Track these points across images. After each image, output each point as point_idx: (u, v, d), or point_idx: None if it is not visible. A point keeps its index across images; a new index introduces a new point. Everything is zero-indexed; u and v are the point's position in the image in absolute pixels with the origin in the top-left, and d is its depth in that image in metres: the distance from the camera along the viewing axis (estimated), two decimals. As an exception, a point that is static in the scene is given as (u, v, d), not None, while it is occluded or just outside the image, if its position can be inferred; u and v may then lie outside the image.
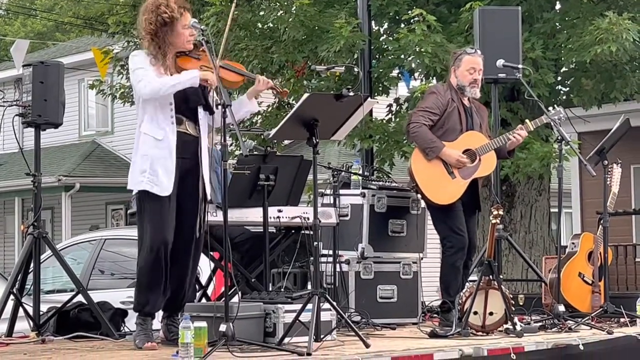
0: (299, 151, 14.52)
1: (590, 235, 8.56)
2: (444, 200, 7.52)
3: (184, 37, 6.14)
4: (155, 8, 6.09)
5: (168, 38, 6.10)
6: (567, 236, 15.01)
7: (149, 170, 6.04)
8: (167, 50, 6.11)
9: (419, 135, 7.53)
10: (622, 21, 11.03)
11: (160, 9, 6.08)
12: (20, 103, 7.49)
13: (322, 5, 12.63)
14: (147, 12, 6.11)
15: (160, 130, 6.06)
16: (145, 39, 6.13)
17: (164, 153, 6.04)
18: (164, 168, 6.03)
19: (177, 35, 6.12)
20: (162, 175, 6.02)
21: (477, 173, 7.63)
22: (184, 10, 6.15)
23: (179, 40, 6.14)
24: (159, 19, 6.07)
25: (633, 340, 7.08)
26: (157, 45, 6.09)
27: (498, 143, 7.72)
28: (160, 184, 6.03)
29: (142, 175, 6.05)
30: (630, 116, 8.78)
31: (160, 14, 6.07)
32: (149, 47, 6.12)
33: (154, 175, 6.03)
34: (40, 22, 36.98)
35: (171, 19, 6.07)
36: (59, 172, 22.52)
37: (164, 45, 6.10)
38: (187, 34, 6.14)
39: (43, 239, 7.28)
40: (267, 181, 6.99)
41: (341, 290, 7.67)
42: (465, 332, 6.75)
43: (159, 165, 6.03)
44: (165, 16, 6.07)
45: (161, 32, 6.08)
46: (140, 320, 6.09)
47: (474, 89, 7.68)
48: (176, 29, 6.11)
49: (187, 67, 6.15)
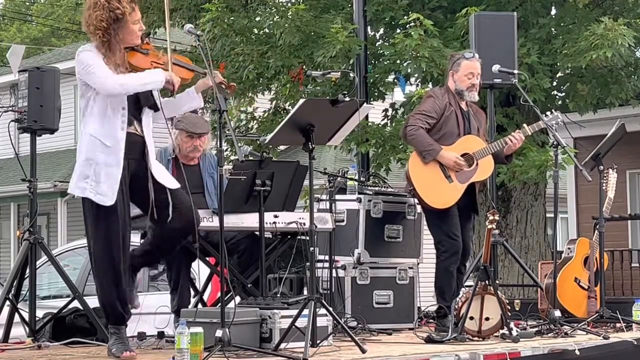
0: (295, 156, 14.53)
1: (586, 241, 8.57)
2: (440, 204, 7.52)
3: (135, 33, 5.99)
4: (106, 3, 5.90)
5: (119, 34, 5.93)
6: (563, 241, 15.04)
7: (92, 177, 5.87)
8: (116, 47, 5.94)
9: (416, 138, 7.53)
10: (618, 27, 11.05)
11: (112, 5, 5.89)
12: (16, 109, 7.48)
13: (318, 11, 12.65)
14: (98, 8, 5.91)
15: (110, 136, 5.90)
16: (96, 35, 5.93)
17: (110, 160, 5.88)
18: (109, 176, 5.87)
19: (128, 31, 5.96)
20: (104, 184, 5.86)
21: (475, 177, 7.63)
22: (134, 5, 5.99)
23: (130, 36, 5.98)
24: (111, 15, 5.89)
25: (629, 346, 7.09)
26: (108, 42, 5.92)
27: (495, 147, 7.73)
28: (103, 193, 5.86)
29: (84, 182, 5.88)
30: (626, 121, 8.79)
31: (112, 10, 5.89)
32: (99, 44, 5.94)
33: (97, 182, 5.86)
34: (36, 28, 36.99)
35: (123, 15, 5.91)
36: (55, 178, 22.50)
37: (115, 42, 5.93)
38: (137, 29, 5.99)
39: (39, 244, 7.28)
40: (263, 186, 6.98)
41: (337, 296, 7.67)
42: (462, 337, 6.75)
43: (103, 173, 5.87)
44: (118, 12, 5.89)
45: (112, 29, 5.91)
46: (114, 329, 5.97)
47: (472, 93, 7.69)
48: (127, 25, 5.94)
49: (135, 62, 6.00)
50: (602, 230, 8.20)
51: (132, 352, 5.87)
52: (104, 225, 5.89)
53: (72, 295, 7.28)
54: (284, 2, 13.58)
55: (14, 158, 20.55)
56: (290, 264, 7.29)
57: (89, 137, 5.96)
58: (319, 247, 7.32)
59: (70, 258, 10.39)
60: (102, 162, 5.89)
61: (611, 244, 10.54)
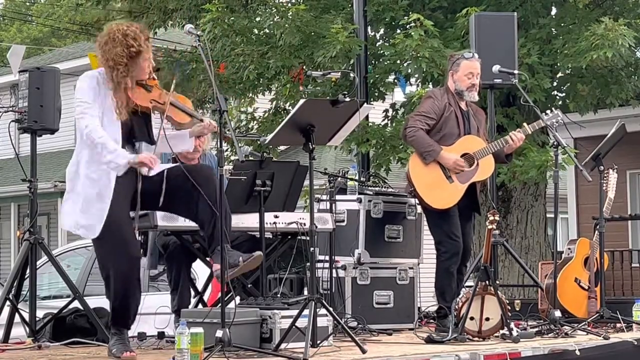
0: (295, 157, 14.53)
1: (586, 241, 8.57)
2: (441, 204, 7.52)
3: (145, 69, 5.99)
4: (123, 39, 5.88)
5: (132, 70, 5.92)
6: (563, 241, 15.04)
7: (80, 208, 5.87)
8: (129, 82, 5.91)
9: (416, 139, 7.53)
10: (618, 27, 11.05)
11: (129, 42, 5.88)
12: (17, 109, 7.48)
13: (318, 11, 12.65)
14: (115, 42, 5.90)
15: (99, 170, 5.86)
16: (114, 69, 5.90)
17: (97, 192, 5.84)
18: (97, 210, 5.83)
19: (140, 68, 5.97)
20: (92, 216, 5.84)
21: (475, 177, 7.63)
22: (149, 42, 5.99)
23: (141, 72, 5.98)
24: (127, 51, 5.88)
25: (629, 346, 7.09)
26: (124, 75, 5.89)
27: (496, 147, 7.73)
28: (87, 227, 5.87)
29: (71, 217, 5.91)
30: (626, 122, 8.79)
31: (128, 47, 5.88)
32: (113, 78, 5.90)
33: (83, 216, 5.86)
34: (36, 28, 36.98)
35: (138, 53, 5.91)
36: (55, 178, 22.49)
37: (127, 77, 5.90)
38: (146, 66, 5.99)
39: (39, 244, 7.28)
40: (263, 187, 6.99)
41: (337, 296, 7.67)
42: (462, 337, 6.75)
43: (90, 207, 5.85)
44: (133, 50, 5.88)
45: (129, 65, 5.89)
46: (115, 330, 5.98)
47: (472, 93, 7.70)
48: (139, 62, 5.94)
49: (136, 99, 5.96)
50: (602, 231, 8.20)
51: (132, 352, 5.88)
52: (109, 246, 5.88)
53: (73, 295, 7.28)
54: (284, 3, 13.58)
55: (14, 158, 20.56)
56: (290, 264, 7.29)
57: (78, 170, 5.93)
58: (319, 247, 7.32)
59: (70, 258, 10.40)
60: (90, 196, 5.86)
61: (611, 244, 10.55)
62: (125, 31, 5.92)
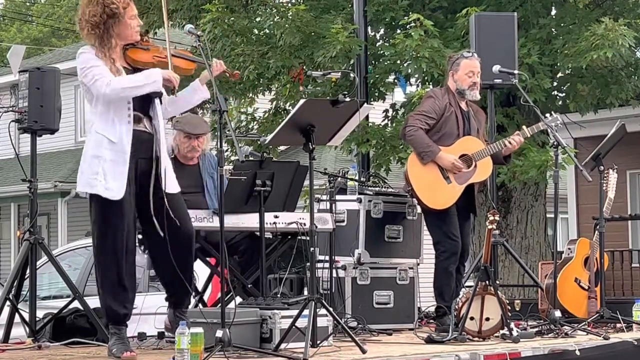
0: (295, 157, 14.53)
1: (586, 241, 8.57)
2: (439, 205, 7.52)
3: (132, 28, 5.98)
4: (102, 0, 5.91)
5: (114, 30, 5.93)
6: (564, 242, 15.03)
7: (100, 173, 5.84)
8: (113, 42, 5.94)
9: (415, 139, 7.53)
10: (618, 27, 11.05)
11: (107, 1, 5.90)
12: (17, 109, 7.48)
13: (318, 11, 12.64)
14: (92, 4, 5.93)
15: (115, 131, 5.87)
16: (86, 30, 5.94)
17: (117, 156, 5.86)
18: (116, 172, 5.84)
19: (124, 26, 5.95)
20: (112, 180, 5.83)
21: (473, 178, 7.63)
22: (129, 1, 5.98)
23: (126, 31, 5.97)
24: (105, 10, 5.89)
25: (629, 346, 7.09)
26: (102, 38, 5.91)
27: (494, 149, 7.73)
28: (111, 188, 5.83)
29: (94, 179, 5.85)
30: (626, 122, 8.79)
31: (107, 5, 5.89)
32: (93, 40, 5.94)
33: (104, 179, 5.84)
34: (36, 28, 37.00)
35: (118, 10, 5.90)
36: (55, 178, 22.50)
37: (110, 38, 5.92)
38: (134, 25, 5.99)
39: (39, 245, 7.28)
40: (263, 187, 6.98)
41: (337, 296, 7.67)
42: (462, 337, 6.75)
43: (111, 170, 5.84)
44: (113, 7, 5.89)
45: (106, 25, 5.90)
46: (114, 329, 5.95)
47: (474, 92, 7.70)
48: (123, 20, 5.94)
49: (137, 58, 6.01)
50: (602, 231, 8.20)
51: (132, 352, 5.87)
52: (108, 222, 5.88)
53: (73, 295, 7.28)
54: (284, 3, 13.57)
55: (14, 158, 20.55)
56: (290, 265, 7.29)
57: (94, 134, 5.93)
58: (319, 247, 7.32)
59: (70, 258, 10.40)
60: (109, 159, 5.86)
61: (611, 244, 10.55)
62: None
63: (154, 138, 6.02)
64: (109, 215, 5.88)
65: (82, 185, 5.94)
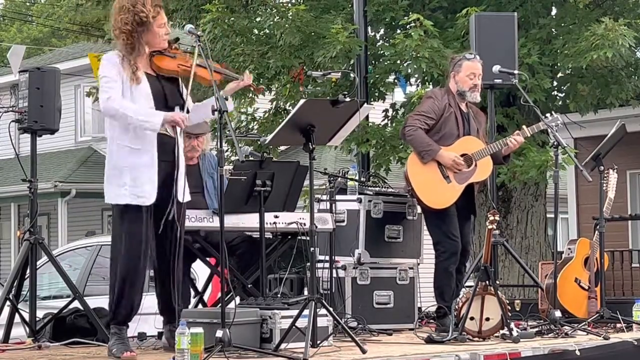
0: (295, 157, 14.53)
1: (586, 241, 8.57)
2: (438, 204, 7.52)
3: (160, 36, 6.05)
4: (132, 7, 5.98)
5: (143, 38, 6.01)
6: (564, 242, 15.04)
7: (129, 182, 5.90)
8: (141, 50, 6.02)
9: (415, 139, 7.54)
10: (618, 27, 11.05)
11: (137, 8, 5.97)
12: (17, 109, 7.48)
13: (318, 11, 12.65)
14: (123, 11, 6.00)
15: (137, 138, 5.93)
16: (120, 38, 6.01)
17: (144, 161, 5.93)
18: (147, 176, 5.92)
19: (152, 34, 6.03)
20: (145, 185, 5.91)
21: (473, 178, 7.63)
22: (159, 9, 6.07)
23: (155, 39, 6.05)
24: (135, 18, 5.96)
25: (629, 346, 7.09)
26: (132, 45, 5.99)
27: (494, 148, 7.74)
28: (143, 194, 5.91)
29: (122, 189, 5.91)
30: (626, 122, 8.79)
31: (136, 13, 5.97)
32: (123, 47, 6.01)
33: (135, 186, 5.90)
34: (36, 28, 36.99)
35: (147, 18, 5.98)
36: (55, 178, 22.50)
37: (139, 45, 6.00)
38: (162, 33, 6.06)
39: (39, 245, 7.28)
40: (263, 187, 6.98)
41: (338, 296, 7.67)
42: (462, 337, 6.75)
43: (139, 175, 5.91)
44: (142, 15, 5.97)
45: (137, 32, 5.98)
46: (115, 330, 5.99)
47: (475, 94, 7.71)
48: (152, 29, 6.01)
49: (162, 65, 6.08)
50: (602, 231, 8.20)
51: (132, 352, 5.88)
52: (129, 228, 5.94)
53: (73, 295, 7.28)
54: (284, 3, 13.57)
55: (14, 158, 20.55)
56: (290, 265, 7.29)
57: (116, 145, 6.00)
58: (319, 247, 7.32)
59: (70, 258, 10.39)
60: (136, 166, 5.92)
61: (611, 245, 10.54)
62: (134, 0, 6.00)
63: (175, 142, 6.07)
64: (132, 223, 5.95)
65: (109, 197, 6.00)
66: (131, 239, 5.94)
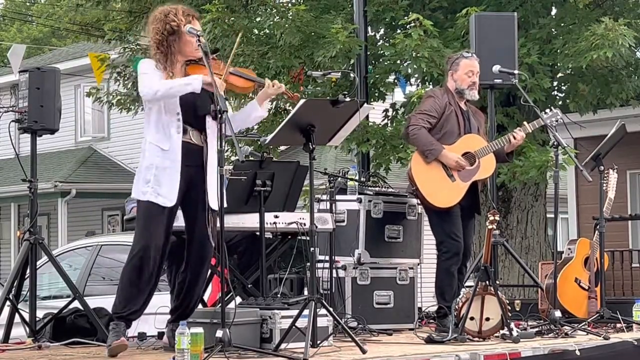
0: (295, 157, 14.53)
1: (586, 241, 8.57)
2: (444, 203, 7.52)
3: (192, 45, 6.11)
4: (164, 17, 6.11)
5: (175, 46, 6.10)
6: (564, 242, 15.04)
7: (152, 180, 6.02)
8: (175, 59, 6.12)
9: (418, 138, 7.54)
10: (618, 27, 11.06)
11: (169, 18, 6.09)
12: (17, 109, 7.48)
13: (318, 11, 12.65)
14: (156, 21, 6.14)
15: (167, 139, 6.04)
16: (153, 48, 6.14)
17: (168, 163, 6.03)
18: (169, 178, 6.02)
19: (185, 43, 6.11)
20: (164, 186, 6.01)
21: (477, 176, 7.64)
22: (192, 19, 6.16)
23: (187, 48, 6.13)
24: (167, 27, 6.08)
25: (629, 346, 7.09)
26: (164, 54, 6.09)
27: (497, 145, 7.74)
28: (164, 195, 6.01)
29: (146, 186, 6.03)
30: (626, 122, 8.79)
31: (168, 22, 6.08)
32: (155, 55, 6.12)
33: (157, 185, 6.02)
34: (36, 28, 36.99)
35: (178, 27, 6.08)
36: (55, 178, 22.51)
37: (171, 54, 6.10)
38: (194, 42, 6.11)
39: (39, 245, 7.28)
40: (263, 187, 6.99)
41: (338, 296, 7.67)
42: (462, 337, 6.75)
43: (163, 176, 6.02)
44: (174, 24, 6.07)
45: (168, 41, 6.09)
46: (113, 325, 6.04)
47: (473, 91, 7.72)
48: (184, 37, 6.10)
49: (194, 73, 6.13)
50: (602, 231, 8.20)
51: (123, 339, 5.92)
52: (150, 227, 6.02)
53: (73, 295, 7.28)
54: (284, 3, 13.58)
55: (14, 158, 20.56)
56: (290, 265, 7.29)
57: (148, 144, 6.10)
58: (319, 247, 7.32)
59: (70, 258, 10.38)
60: (161, 166, 6.03)
61: (611, 245, 10.54)
62: (167, 11, 6.13)
63: (204, 150, 6.12)
64: (152, 220, 6.03)
65: (135, 193, 6.12)
66: (148, 236, 6.02)
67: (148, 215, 6.05)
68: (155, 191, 6.01)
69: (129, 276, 6.04)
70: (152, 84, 6.00)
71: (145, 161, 6.09)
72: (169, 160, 6.03)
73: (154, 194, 6.01)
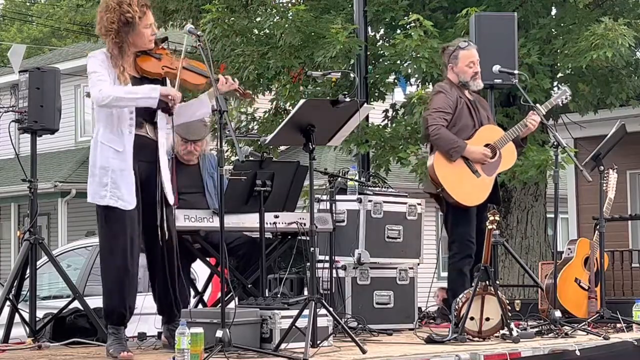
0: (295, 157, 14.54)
1: (586, 241, 8.57)
2: (474, 200, 7.50)
3: (146, 37, 6.01)
4: (118, 6, 5.93)
5: (129, 38, 5.97)
6: (564, 242, 15.04)
7: (110, 184, 5.89)
8: (128, 50, 5.99)
9: (441, 137, 7.48)
10: (618, 27, 11.06)
11: (123, 8, 5.93)
12: (17, 109, 7.48)
13: (318, 11, 12.66)
14: (109, 10, 5.96)
15: (119, 139, 5.90)
16: (107, 37, 5.98)
17: (124, 165, 5.90)
18: (126, 181, 5.89)
19: (138, 34, 5.99)
20: (123, 189, 5.88)
21: (500, 167, 7.62)
22: (146, 9, 6.02)
23: (140, 39, 6.01)
24: (121, 18, 5.93)
25: (629, 346, 7.09)
26: (118, 45, 5.96)
27: (514, 133, 7.69)
28: (123, 198, 5.89)
29: (104, 189, 5.89)
30: (626, 122, 8.79)
31: (122, 13, 5.93)
32: (109, 46, 5.97)
33: (116, 189, 5.88)
34: (36, 28, 37.00)
35: (133, 19, 5.94)
36: (55, 178, 22.51)
37: (125, 45, 5.97)
38: (148, 33, 6.02)
39: (39, 245, 7.27)
40: (263, 187, 6.98)
41: (338, 296, 7.66)
42: (462, 337, 6.74)
43: (120, 179, 5.89)
44: (128, 15, 5.93)
45: (123, 32, 5.95)
46: (112, 330, 5.98)
47: (477, 81, 7.71)
48: (138, 29, 5.97)
49: (145, 67, 6.04)
50: (602, 231, 8.20)
51: (129, 352, 5.87)
52: (114, 230, 5.92)
53: (73, 295, 7.28)
54: (284, 3, 13.58)
55: (14, 158, 20.57)
56: (290, 265, 7.29)
57: (100, 144, 5.96)
58: (319, 247, 7.32)
59: (70, 258, 10.39)
60: (118, 169, 5.90)
61: (611, 245, 10.55)
62: (121, 0, 5.95)
63: (157, 144, 6.04)
64: (115, 224, 5.92)
65: (91, 197, 5.98)
66: (115, 240, 5.92)
67: (106, 216, 5.92)
68: (114, 195, 5.87)
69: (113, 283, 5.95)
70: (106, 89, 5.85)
71: (99, 161, 5.93)
72: (125, 162, 5.90)
73: (114, 198, 5.88)
